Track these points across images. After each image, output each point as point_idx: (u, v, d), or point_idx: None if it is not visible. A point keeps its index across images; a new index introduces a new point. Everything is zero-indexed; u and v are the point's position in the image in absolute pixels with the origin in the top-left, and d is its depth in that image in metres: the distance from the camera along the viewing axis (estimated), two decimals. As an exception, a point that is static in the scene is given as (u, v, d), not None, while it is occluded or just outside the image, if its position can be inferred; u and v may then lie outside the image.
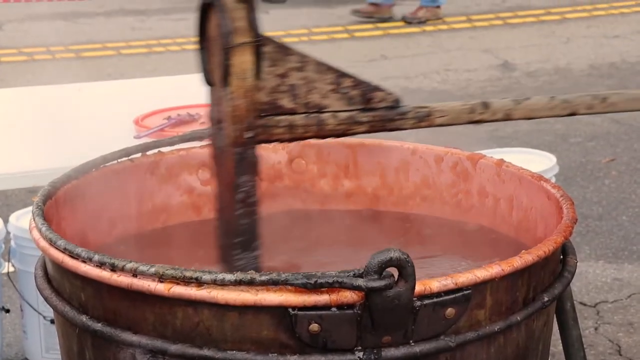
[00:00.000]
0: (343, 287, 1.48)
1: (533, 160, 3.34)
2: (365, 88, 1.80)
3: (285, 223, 2.16)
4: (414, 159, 2.19)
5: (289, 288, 1.50)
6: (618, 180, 4.96)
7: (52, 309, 1.76)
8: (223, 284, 1.51)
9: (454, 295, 1.56)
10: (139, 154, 2.12)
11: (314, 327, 1.51)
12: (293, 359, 1.53)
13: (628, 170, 5.10)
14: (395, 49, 7.89)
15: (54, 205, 1.90)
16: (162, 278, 1.54)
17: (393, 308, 1.50)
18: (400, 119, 1.82)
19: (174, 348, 1.56)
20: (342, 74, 1.78)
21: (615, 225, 4.42)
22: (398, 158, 2.20)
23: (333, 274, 1.48)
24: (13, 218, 3.18)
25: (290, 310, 1.51)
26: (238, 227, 1.75)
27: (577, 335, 2.09)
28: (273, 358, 1.53)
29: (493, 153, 2.74)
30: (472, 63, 7.40)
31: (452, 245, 2.06)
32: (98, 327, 1.63)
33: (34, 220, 1.77)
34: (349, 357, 1.53)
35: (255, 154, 1.75)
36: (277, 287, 1.50)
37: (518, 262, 1.63)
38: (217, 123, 1.79)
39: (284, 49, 1.75)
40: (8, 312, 3.22)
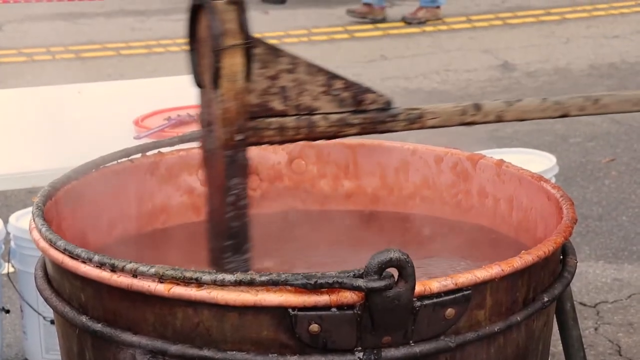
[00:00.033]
0: (343, 287, 1.48)
1: (533, 161, 3.34)
2: (357, 90, 1.78)
3: (285, 223, 2.16)
4: (414, 159, 2.19)
5: (289, 288, 1.50)
6: (618, 181, 4.96)
7: (52, 310, 1.76)
8: (223, 285, 1.51)
9: (454, 296, 1.56)
10: (139, 155, 2.12)
11: (314, 327, 1.51)
12: (293, 360, 1.54)
13: (628, 171, 5.10)
14: (395, 50, 7.89)
15: (54, 206, 1.90)
16: (162, 278, 1.54)
17: (393, 308, 1.50)
18: (392, 121, 1.80)
19: (174, 348, 1.56)
20: (333, 76, 1.77)
21: (615, 226, 4.42)
22: (398, 158, 2.20)
23: (333, 275, 1.48)
24: (13, 219, 3.18)
25: (290, 311, 1.51)
26: (229, 229, 1.73)
27: (577, 336, 2.09)
28: (273, 358, 1.53)
29: (493, 153, 2.73)
30: (471, 63, 7.40)
31: (452, 246, 2.06)
32: (98, 327, 1.63)
33: (34, 221, 1.77)
34: (349, 357, 1.53)
35: (246, 157, 1.73)
36: (277, 287, 1.50)
37: (518, 262, 1.63)
38: (207, 125, 1.78)
39: (275, 51, 1.73)
40: (8, 312, 3.22)
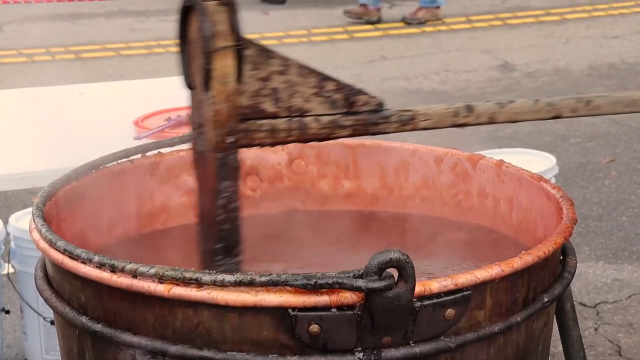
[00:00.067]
0: (343, 288, 1.48)
1: (533, 161, 3.34)
2: (349, 91, 1.77)
3: (285, 224, 2.16)
4: (414, 160, 2.19)
5: (289, 289, 1.50)
6: (618, 181, 4.96)
7: (52, 310, 1.76)
8: (223, 285, 1.51)
9: (454, 296, 1.56)
10: (139, 155, 2.12)
11: (314, 328, 1.51)
12: (293, 360, 1.54)
13: (628, 171, 5.10)
14: (395, 50, 7.89)
15: (54, 207, 1.90)
16: (162, 279, 1.54)
17: (393, 309, 1.50)
18: (384, 123, 1.79)
19: (174, 349, 1.56)
20: (324, 77, 1.75)
21: (615, 226, 4.42)
22: (398, 159, 2.20)
23: (333, 275, 1.48)
24: (13, 219, 3.18)
25: (290, 311, 1.51)
26: (219, 232, 1.72)
27: (577, 336, 2.09)
28: (273, 359, 1.53)
29: (493, 154, 2.73)
30: (471, 64, 7.40)
31: (452, 246, 2.06)
32: (98, 328, 1.63)
33: (34, 222, 1.77)
34: (349, 357, 1.53)
35: (237, 159, 1.72)
36: (277, 288, 1.50)
37: (518, 262, 1.63)
38: (198, 127, 1.76)
39: (266, 52, 1.72)
40: (8, 313, 3.22)
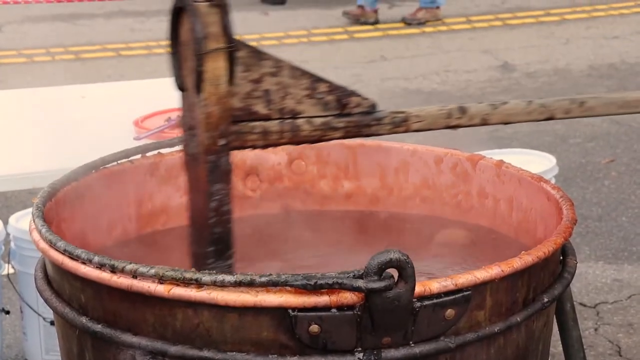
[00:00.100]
0: (343, 288, 1.48)
1: (533, 161, 3.34)
2: (341, 93, 1.75)
3: (285, 224, 2.16)
4: (414, 160, 2.19)
5: (289, 289, 1.50)
6: (618, 181, 4.96)
7: (52, 311, 1.76)
8: (223, 285, 1.51)
9: (454, 296, 1.56)
10: (139, 156, 2.12)
11: (314, 328, 1.51)
12: (293, 360, 1.54)
13: (628, 171, 5.10)
14: (395, 50, 7.89)
15: (54, 207, 1.90)
16: (162, 279, 1.54)
17: (393, 309, 1.50)
18: (377, 125, 1.78)
19: (174, 349, 1.56)
20: (317, 79, 1.74)
21: (615, 226, 4.42)
22: (398, 159, 2.20)
23: (333, 275, 1.48)
24: (13, 219, 3.18)
25: (290, 312, 1.51)
26: (211, 235, 1.71)
27: (577, 336, 2.09)
28: (273, 359, 1.53)
29: (493, 154, 2.73)
30: (471, 64, 7.40)
31: (452, 246, 2.06)
32: (98, 328, 1.63)
33: (34, 222, 1.77)
34: (349, 358, 1.53)
35: (229, 162, 1.71)
36: (276, 288, 1.50)
37: (518, 263, 1.63)
38: (189, 129, 1.75)
39: (258, 54, 1.70)
40: (8, 313, 3.22)
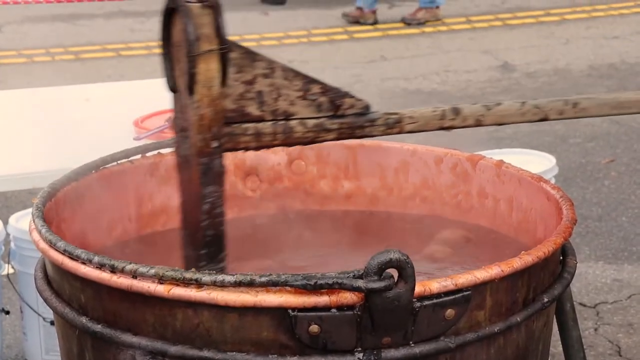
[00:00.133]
0: (343, 288, 1.48)
1: (533, 161, 3.34)
2: (334, 94, 1.75)
3: (285, 224, 2.16)
4: (414, 160, 2.19)
5: (289, 289, 1.50)
6: (618, 181, 4.96)
7: (52, 311, 1.76)
8: (223, 286, 1.51)
9: (454, 296, 1.56)
10: (139, 156, 2.12)
11: (314, 328, 1.51)
12: (293, 360, 1.54)
13: (628, 171, 5.10)
14: (395, 50, 7.89)
15: (54, 207, 1.90)
16: (162, 279, 1.54)
17: (393, 309, 1.50)
18: (370, 126, 1.78)
19: (174, 349, 1.56)
20: (310, 80, 1.74)
21: (615, 226, 4.42)
22: (398, 159, 2.20)
23: (333, 275, 1.48)
24: (13, 220, 3.18)
25: (290, 312, 1.51)
26: (204, 238, 1.70)
27: (576, 336, 2.09)
28: (273, 359, 1.53)
29: (493, 154, 2.73)
30: (471, 64, 7.40)
31: (452, 246, 2.06)
32: (98, 328, 1.63)
33: (34, 222, 1.77)
34: (349, 358, 1.53)
35: (222, 164, 1.70)
36: (276, 288, 1.50)
37: (518, 263, 1.63)
38: (181, 131, 1.74)
39: (251, 55, 1.70)
40: (8, 313, 3.22)
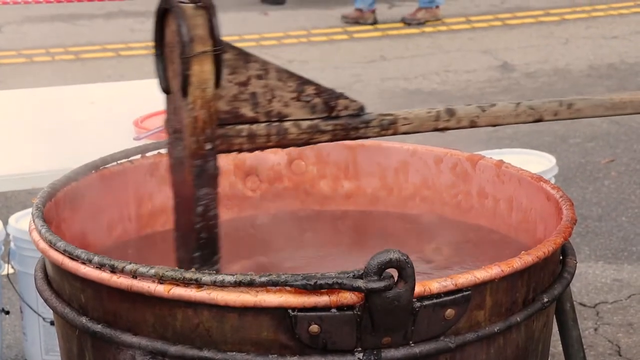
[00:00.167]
0: (343, 288, 1.48)
1: (532, 161, 3.34)
2: (329, 96, 1.75)
3: (285, 224, 2.16)
4: (414, 160, 2.19)
5: (289, 289, 1.50)
6: (617, 181, 4.96)
7: (52, 311, 1.76)
8: (223, 286, 1.51)
9: (454, 296, 1.56)
10: (139, 156, 2.12)
11: (314, 328, 1.51)
12: (293, 360, 1.54)
13: (627, 171, 5.10)
14: (395, 50, 7.89)
15: (54, 207, 1.90)
16: (162, 279, 1.54)
17: (393, 309, 1.50)
18: (364, 127, 1.78)
19: (174, 349, 1.56)
20: (304, 81, 1.73)
21: (615, 226, 4.42)
22: (398, 159, 2.20)
23: (333, 275, 1.48)
24: (13, 220, 3.18)
25: (290, 312, 1.51)
26: (197, 241, 1.69)
27: (576, 336, 2.09)
28: (273, 359, 1.53)
29: (492, 154, 2.73)
30: (471, 64, 7.40)
31: (452, 246, 2.06)
32: (98, 328, 1.63)
33: (34, 222, 1.77)
34: (349, 358, 1.53)
35: (216, 166, 1.69)
36: (276, 288, 1.50)
37: (518, 263, 1.63)
38: (174, 133, 1.73)
39: (245, 56, 1.69)
40: (8, 313, 3.22)
